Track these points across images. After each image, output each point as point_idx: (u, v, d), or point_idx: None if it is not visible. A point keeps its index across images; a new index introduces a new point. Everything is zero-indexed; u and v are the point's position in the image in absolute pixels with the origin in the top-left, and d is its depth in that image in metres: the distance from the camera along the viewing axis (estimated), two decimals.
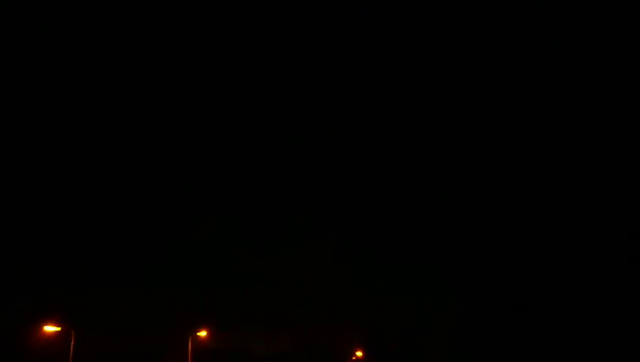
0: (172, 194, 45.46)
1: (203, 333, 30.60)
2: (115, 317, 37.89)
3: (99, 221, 44.03)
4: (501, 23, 43.36)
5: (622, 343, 35.62)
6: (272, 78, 45.77)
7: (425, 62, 45.35)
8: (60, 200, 43.33)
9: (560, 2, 42.21)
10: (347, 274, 43.51)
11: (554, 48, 43.02)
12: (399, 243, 44.75)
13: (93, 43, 42.75)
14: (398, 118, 46.18)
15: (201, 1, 43.48)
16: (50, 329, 27.93)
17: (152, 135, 45.32)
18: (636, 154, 40.24)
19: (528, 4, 42.68)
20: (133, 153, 45.15)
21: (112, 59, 43.56)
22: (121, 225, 44.26)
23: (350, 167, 46.08)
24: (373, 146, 46.59)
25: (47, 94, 42.97)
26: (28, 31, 41.16)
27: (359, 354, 41.13)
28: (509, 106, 44.26)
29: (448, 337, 40.75)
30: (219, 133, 46.11)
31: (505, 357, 38.68)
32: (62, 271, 39.86)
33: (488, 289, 41.30)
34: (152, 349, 37.51)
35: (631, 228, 38.79)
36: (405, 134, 46.24)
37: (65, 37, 41.90)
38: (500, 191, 43.45)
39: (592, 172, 41.22)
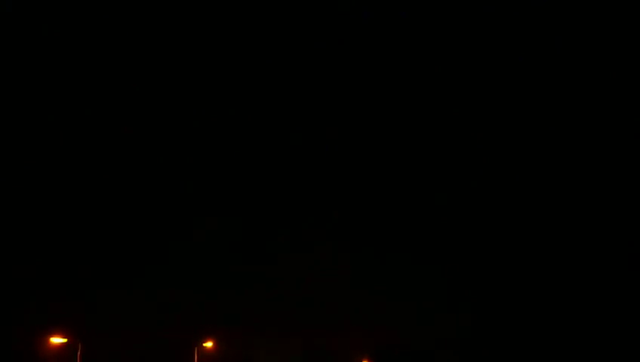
0: (172, 194, 45.40)
1: (209, 344, 30.60)
2: (116, 320, 37.94)
3: (98, 221, 43.99)
4: (501, 22, 43.34)
5: (622, 344, 35.90)
6: (271, 78, 45.66)
7: (425, 62, 45.31)
8: (59, 200, 43.24)
9: (560, 2, 42.21)
10: (348, 276, 43.62)
11: (554, 48, 43.04)
12: (400, 243, 44.86)
13: (94, 43, 42.57)
14: (398, 117, 46.19)
15: (201, 1, 43.31)
16: (57, 340, 27.90)
17: (152, 135, 45.19)
18: (636, 154, 40.43)
19: (528, 4, 42.65)
20: (133, 153, 45.02)
21: (112, 59, 43.39)
22: (121, 226, 44.24)
23: (350, 167, 46.07)
24: (373, 146, 46.58)
25: (47, 94, 42.79)
26: (28, 31, 40.95)
27: None
28: (509, 106, 44.32)
29: (452, 339, 40.95)
30: (219, 133, 46.00)
31: (508, 358, 38.97)
32: (63, 274, 39.85)
33: (490, 289, 41.53)
34: (155, 355, 37.55)
35: (631, 229, 39.02)
36: (405, 134, 46.26)
37: (65, 37, 41.71)
38: (501, 191, 43.58)
39: (592, 172, 41.39)
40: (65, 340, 28.44)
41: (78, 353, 28.49)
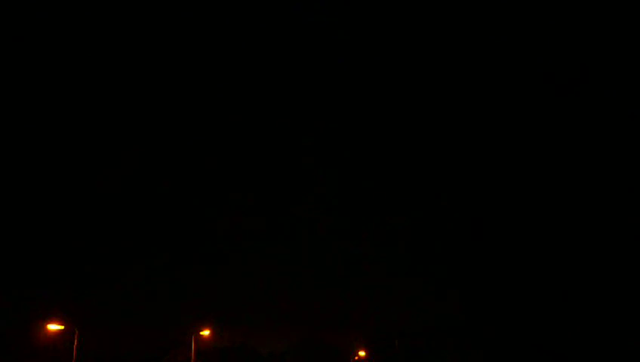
0: (173, 194, 45.58)
1: (206, 332, 30.56)
2: (117, 315, 37.98)
3: (99, 220, 44.13)
4: (501, 23, 43.55)
5: (622, 344, 35.73)
6: (272, 79, 45.99)
7: (425, 62, 45.59)
8: (60, 200, 43.40)
9: (560, 2, 42.42)
10: (348, 274, 43.74)
11: (554, 48, 43.22)
12: (399, 243, 44.97)
13: (94, 43, 42.88)
14: (398, 118, 46.43)
15: (202, 2, 43.63)
16: (53, 327, 27.86)
17: (153, 135, 45.48)
18: (636, 154, 40.43)
19: (528, 4, 42.87)
20: (133, 153, 45.29)
21: (112, 59, 43.71)
22: (122, 225, 44.38)
23: (350, 167, 46.32)
24: (373, 147, 46.83)
25: (47, 94, 43.11)
26: (28, 31, 41.24)
27: (362, 353, 41.03)
28: (509, 106, 44.47)
29: (450, 336, 40.82)
30: (219, 133, 46.31)
31: (507, 356, 38.77)
32: (63, 271, 39.95)
33: (489, 288, 41.44)
34: (155, 347, 37.45)
35: (631, 228, 38.93)
36: (406, 135, 46.49)
37: (65, 37, 42.02)
38: (502, 193, 43.66)
39: (592, 172, 41.41)
40: (61, 327, 28.34)
41: (75, 339, 28.38)
